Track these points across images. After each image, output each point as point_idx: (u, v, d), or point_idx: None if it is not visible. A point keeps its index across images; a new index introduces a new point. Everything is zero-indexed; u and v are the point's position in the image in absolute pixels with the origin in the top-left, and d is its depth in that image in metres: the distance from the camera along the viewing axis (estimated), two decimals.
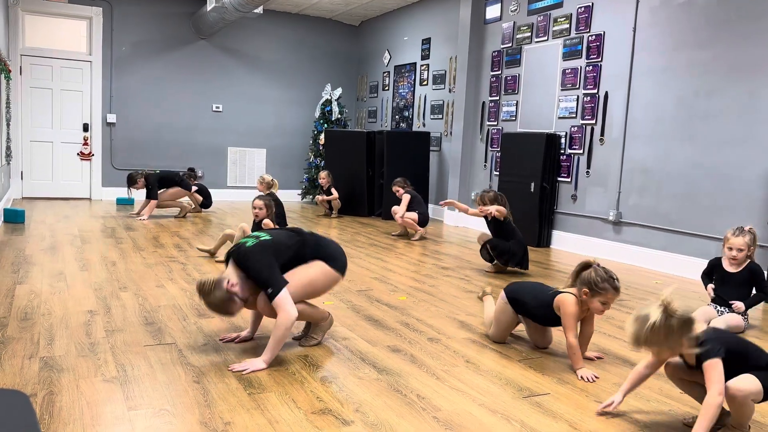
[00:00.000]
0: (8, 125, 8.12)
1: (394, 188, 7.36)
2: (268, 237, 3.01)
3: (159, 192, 7.75)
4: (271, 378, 2.72)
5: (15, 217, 6.78)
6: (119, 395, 2.46)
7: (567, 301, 2.96)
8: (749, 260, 3.83)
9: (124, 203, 8.99)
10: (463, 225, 8.32)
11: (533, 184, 6.86)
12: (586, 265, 2.95)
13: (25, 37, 9.11)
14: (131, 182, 7.67)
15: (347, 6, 10.08)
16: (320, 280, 3.05)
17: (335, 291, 4.38)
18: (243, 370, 2.76)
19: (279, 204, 7.26)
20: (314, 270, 3.03)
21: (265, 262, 2.87)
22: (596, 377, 2.89)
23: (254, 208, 5.30)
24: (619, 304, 4.24)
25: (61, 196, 9.48)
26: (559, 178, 6.88)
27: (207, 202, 8.55)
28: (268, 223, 5.24)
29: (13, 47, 8.87)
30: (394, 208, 7.20)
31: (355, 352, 3.12)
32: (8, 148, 8.09)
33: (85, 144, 9.54)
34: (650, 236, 5.91)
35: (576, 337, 2.96)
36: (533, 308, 3.16)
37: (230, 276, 2.86)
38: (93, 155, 9.57)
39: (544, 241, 6.88)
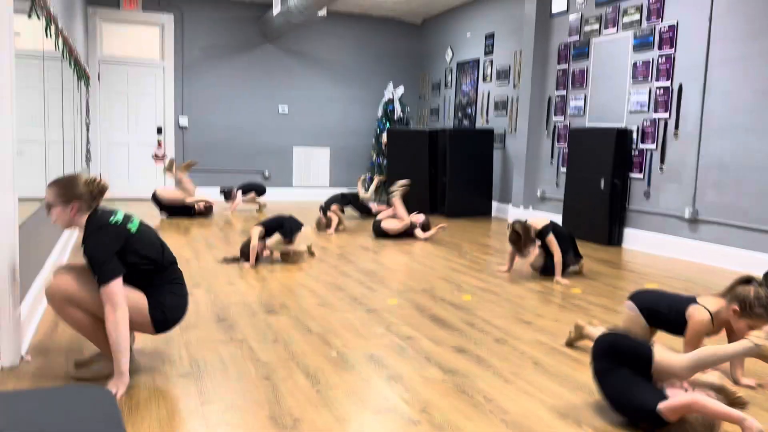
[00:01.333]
0: (87, 129, 8.54)
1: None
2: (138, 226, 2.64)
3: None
4: (337, 376, 2.74)
5: None
6: (193, 390, 2.55)
7: (699, 317, 2.72)
8: None
9: None
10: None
11: (603, 180, 6.65)
12: (746, 280, 2.66)
13: (102, 44, 9.56)
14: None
15: (409, 5, 10.07)
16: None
17: (399, 290, 4.39)
18: (116, 393, 2.43)
19: (354, 197, 7.53)
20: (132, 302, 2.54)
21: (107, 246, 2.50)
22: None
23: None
24: None
25: (136, 197, 9.89)
26: (631, 174, 6.65)
27: (260, 192, 8.95)
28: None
29: (91, 55, 9.33)
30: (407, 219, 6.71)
31: (420, 351, 3.12)
32: (88, 150, 8.52)
33: (159, 146, 9.93)
34: (729, 234, 5.62)
35: None
36: (667, 315, 2.88)
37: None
38: (166, 157, 9.95)
39: (615, 240, 6.66)
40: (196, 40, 9.94)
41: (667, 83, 6.20)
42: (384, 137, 10.00)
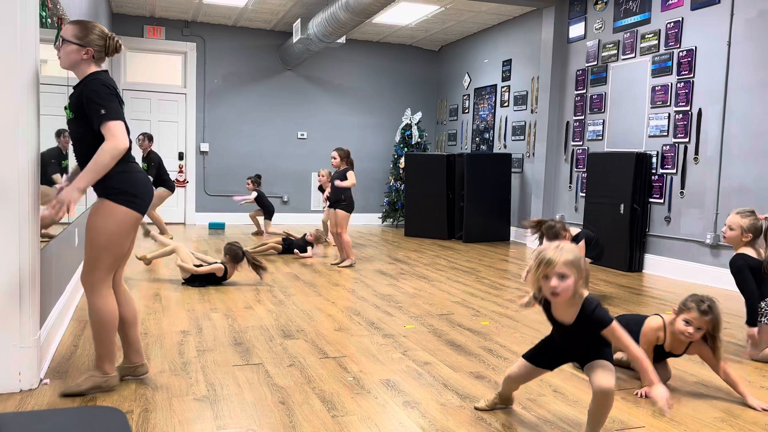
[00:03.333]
0: None
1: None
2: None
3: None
4: (353, 401, 2.72)
5: None
6: (209, 414, 2.54)
7: (650, 321, 3.00)
8: None
9: (216, 228, 9.40)
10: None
11: (623, 205, 6.60)
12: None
13: (126, 72, 9.78)
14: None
15: (427, 32, 10.18)
16: (121, 233, 2.59)
17: (416, 314, 4.36)
18: (59, 210, 2.38)
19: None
20: (112, 224, 2.56)
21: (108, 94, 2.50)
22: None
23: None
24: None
25: None
26: (651, 199, 6.59)
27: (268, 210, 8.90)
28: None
29: (116, 82, 9.53)
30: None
31: (437, 377, 3.08)
32: None
33: (181, 171, 10.07)
34: None
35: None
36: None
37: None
38: (188, 182, 10.07)
39: (635, 266, 6.57)
40: (218, 67, 10.12)
41: (687, 108, 6.16)
42: (402, 162, 10.04)
